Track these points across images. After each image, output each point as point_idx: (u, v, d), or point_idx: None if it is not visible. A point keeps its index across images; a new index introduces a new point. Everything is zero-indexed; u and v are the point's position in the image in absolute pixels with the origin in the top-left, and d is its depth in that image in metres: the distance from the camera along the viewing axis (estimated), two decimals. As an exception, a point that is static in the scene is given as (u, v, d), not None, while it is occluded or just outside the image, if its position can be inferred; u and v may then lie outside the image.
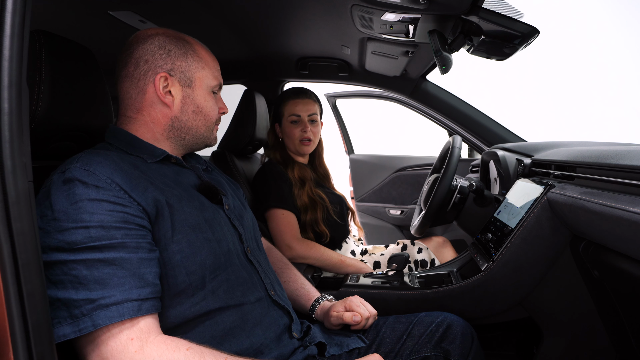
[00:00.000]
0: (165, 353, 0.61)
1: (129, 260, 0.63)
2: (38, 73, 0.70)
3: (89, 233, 0.61)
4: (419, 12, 1.01)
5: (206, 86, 0.85)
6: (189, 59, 0.82)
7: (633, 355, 0.92)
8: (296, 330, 0.86)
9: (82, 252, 0.60)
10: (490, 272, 1.09)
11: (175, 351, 0.62)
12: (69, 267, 0.60)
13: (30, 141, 0.51)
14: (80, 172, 0.65)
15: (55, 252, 0.60)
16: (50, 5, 1.17)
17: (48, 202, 0.63)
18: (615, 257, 0.79)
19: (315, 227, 1.50)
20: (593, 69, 4.52)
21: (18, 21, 0.47)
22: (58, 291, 0.59)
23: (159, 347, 0.62)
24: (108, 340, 0.59)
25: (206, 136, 0.88)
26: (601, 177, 0.82)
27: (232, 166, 1.58)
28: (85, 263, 0.60)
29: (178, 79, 0.81)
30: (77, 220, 0.61)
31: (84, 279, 0.60)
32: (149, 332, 0.62)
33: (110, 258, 0.62)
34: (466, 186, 1.44)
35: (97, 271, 0.60)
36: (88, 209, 0.63)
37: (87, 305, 0.59)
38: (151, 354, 0.60)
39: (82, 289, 0.59)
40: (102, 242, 0.62)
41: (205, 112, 0.85)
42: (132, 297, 0.61)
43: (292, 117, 1.55)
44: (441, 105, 1.86)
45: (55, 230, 0.61)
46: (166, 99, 0.80)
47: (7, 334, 0.47)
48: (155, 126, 0.82)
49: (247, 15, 1.34)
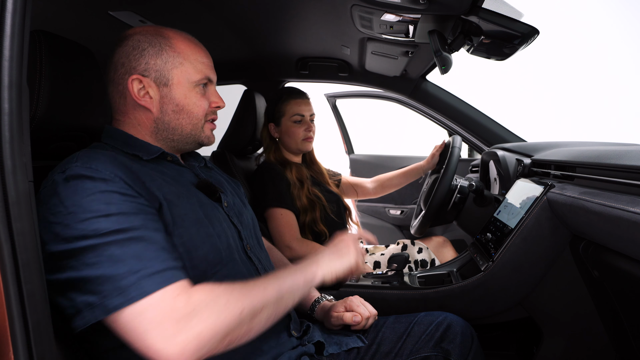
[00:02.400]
0: (209, 292, 0.63)
1: (156, 237, 0.64)
2: (38, 73, 0.70)
3: (111, 220, 0.61)
4: (418, 12, 1.01)
5: (187, 82, 0.80)
6: (164, 55, 0.79)
7: (633, 355, 0.92)
8: (295, 328, 0.86)
9: (109, 235, 0.61)
10: (490, 272, 1.09)
11: (216, 286, 0.65)
12: (101, 249, 0.60)
13: (30, 141, 0.51)
14: (83, 169, 0.65)
15: (82, 240, 0.60)
16: (51, 5, 1.17)
17: (57, 199, 0.62)
18: (615, 257, 0.79)
19: (314, 227, 1.50)
20: (593, 69, 4.52)
21: (18, 21, 0.47)
22: (98, 270, 0.59)
23: (202, 291, 0.63)
24: (158, 304, 0.59)
25: (195, 134, 0.84)
26: (601, 177, 0.82)
27: (232, 166, 1.58)
28: (117, 243, 0.61)
29: (154, 78, 0.78)
30: (95, 211, 0.61)
31: (120, 256, 0.60)
32: (190, 286, 0.64)
33: (139, 236, 0.62)
34: (466, 186, 1.44)
35: (130, 248, 0.61)
36: (103, 199, 0.63)
37: (130, 277, 0.59)
38: (199, 298, 0.62)
39: (122, 265, 0.60)
40: (125, 226, 0.62)
41: (188, 110, 0.81)
42: (170, 265, 0.63)
43: (296, 117, 1.55)
44: (441, 105, 1.86)
45: (74, 222, 0.60)
46: (143, 101, 0.78)
47: (7, 334, 0.47)
48: (142, 129, 0.81)
49: (247, 15, 1.34)
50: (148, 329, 0.58)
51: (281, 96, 1.59)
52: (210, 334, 0.60)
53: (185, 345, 0.58)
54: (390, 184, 1.85)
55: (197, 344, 0.59)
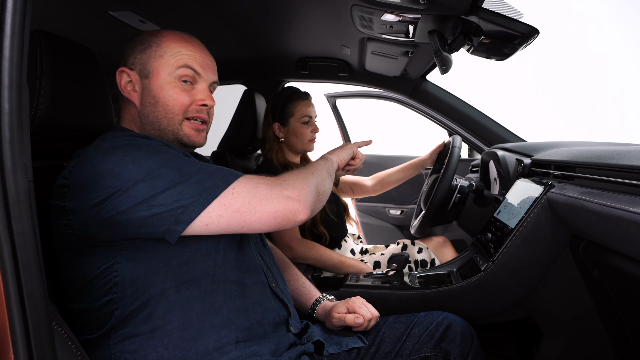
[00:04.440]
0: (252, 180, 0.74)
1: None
2: (38, 73, 0.70)
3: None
4: (418, 12, 1.01)
5: (166, 74, 0.79)
6: (149, 50, 0.80)
7: (633, 355, 0.92)
8: (294, 325, 0.86)
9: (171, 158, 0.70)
10: (490, 272, 1.09)
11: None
12: (169, 166, 0.68)
13: (30, 141, 0.51)
14: (125, 139, 0.72)
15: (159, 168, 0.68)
16: (51, 5, 1.17)
17: (111, 156, 0.67)
18: (615, 257, 0.79)
19: (314, 229, 1.50)
20: (593, 69, 4.52)
21: (18, 21, 0.47)
22: (193, 174, 0.69)
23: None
24: (247, 176, 0.73)
25: (172, 130, 0.81)
26: (601, 177, 0.82)
27: (232, 166, 1.58)
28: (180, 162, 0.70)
29: (138, 71, 0.81)
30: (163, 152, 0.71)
31: (206, 165, 0.72)
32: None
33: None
34: (466, 186, 1.44)
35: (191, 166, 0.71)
36: (163, 149, 0.72)
37: (228, 169, 0.73)
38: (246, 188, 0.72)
39: (204, 169, 0.71)
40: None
41: (163, 103, 0.79)
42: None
43: (305, 118, 1.56)
44: (441, 105, 1.86)
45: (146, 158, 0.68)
46: (127, 93, 0.81)
47: (7, 334, 0.47)
48: (134, 124, 0.84)
49: (247, 15, 1.34)
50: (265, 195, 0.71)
51: (288, 97, 1.59)
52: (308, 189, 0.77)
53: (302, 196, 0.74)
54: (390, 181, 1.85)
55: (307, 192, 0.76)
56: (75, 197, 0.66)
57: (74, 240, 0.68)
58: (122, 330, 0.69)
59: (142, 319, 0.69)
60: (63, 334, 0.61)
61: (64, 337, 0.61)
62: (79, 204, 0.66)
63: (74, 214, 0.66)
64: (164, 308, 0.70)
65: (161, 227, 0.65)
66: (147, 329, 0.69)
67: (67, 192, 0.67)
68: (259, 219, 0.70)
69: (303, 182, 0.77)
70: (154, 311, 0.69)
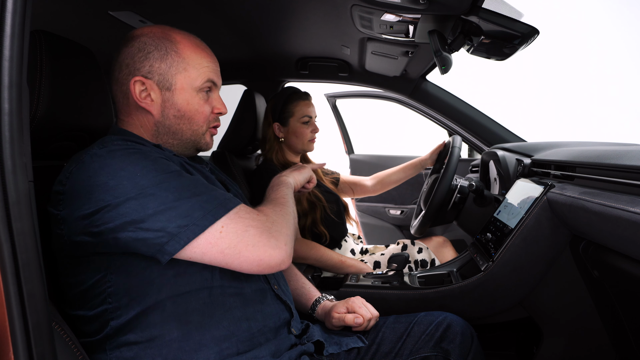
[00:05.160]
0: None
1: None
2: (38, 73, 0.70)
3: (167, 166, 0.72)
4: (418, 12, 1.01)
5: (190, 88, 0.80)
6: (169, 60, 0.78)
7: (633, 355, 0.92)
8: (295, 327, 0.86)
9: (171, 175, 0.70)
10: (490, 272, 1.09)
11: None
12: (169, 184, 0.68)
13: (30, 141, 0.51)
14: (124, 145, 0.71)
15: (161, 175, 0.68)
16: (51, 5, 1.17)
17: (107, 168, 0.66)
18: (615, 257, 0.79)
19: (314, 228, 1.50)
20: (593, 69, 4.52)
21: (18, 21, 0.47)
22: (184, 200, 0.67)
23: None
24: (239, 213, 0.72)
25: (194, 140, 0.84)
26: (601, 177, 0.82)
27: (232, 166, 1.58)
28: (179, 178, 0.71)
29: (156, 82, 0.78)
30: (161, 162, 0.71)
31: (200, 190, 0.71)
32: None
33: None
34: (466, 186, 1.44)
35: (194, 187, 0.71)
36: (161, 167, 0.70)
37: (221, 197, 0.72)
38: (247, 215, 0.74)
39: (197, 196, 0.70)
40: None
41: (189, 116, 0.81)
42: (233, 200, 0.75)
43: (305, 118, 1.57)
44: (441, 105, 1.86)
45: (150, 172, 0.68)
46: (144, 103, 0.79)
47: (7, 334, 0.47)
48: (145, 130, 0.82)
49: (247, 15, 1.34)
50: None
51: (288, 97, 1.59)
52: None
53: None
54: (390, 180, 1.85)
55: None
56: (68, 205, 0.66)
57: (67, 249, 0.68)
58: (120, 338, 0.69)
59: (140, 328, 0.69)
60: (63, 334, 0.61)
61: (64, 337, 0.61)
62: (70, 214, 0.66)
63: (65, 224, 0.66)
64: (161, 318, 0.69)
65: (148, 251, 0.66)
66: (145, 337, 0.69)
67: (61, 200, 0.67)
68: (241, 264, 0.70)
69: (287, 225, 0.78)
70: (151, 321, 0.69)
